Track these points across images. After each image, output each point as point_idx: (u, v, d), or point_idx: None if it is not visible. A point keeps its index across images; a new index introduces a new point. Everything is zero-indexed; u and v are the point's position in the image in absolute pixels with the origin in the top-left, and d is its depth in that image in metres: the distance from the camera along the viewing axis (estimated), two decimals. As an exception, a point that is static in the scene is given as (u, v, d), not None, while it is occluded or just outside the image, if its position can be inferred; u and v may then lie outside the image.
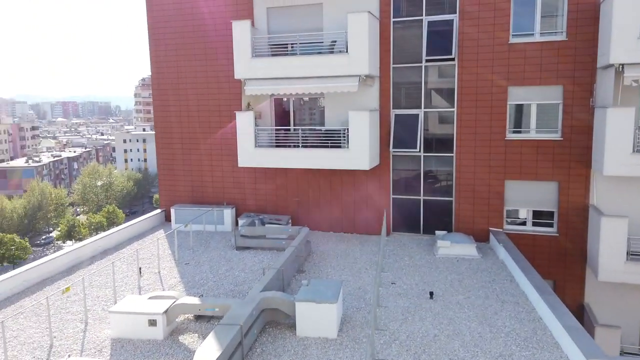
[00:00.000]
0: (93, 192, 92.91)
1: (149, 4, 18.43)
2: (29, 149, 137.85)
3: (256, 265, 13.90)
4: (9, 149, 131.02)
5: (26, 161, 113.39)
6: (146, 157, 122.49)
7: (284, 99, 17.45)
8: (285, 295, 9.96)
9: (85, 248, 14.96)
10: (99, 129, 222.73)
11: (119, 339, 9.60)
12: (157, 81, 18.90)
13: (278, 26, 16.97)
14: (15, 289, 12.08)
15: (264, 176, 17.96)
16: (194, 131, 18.58)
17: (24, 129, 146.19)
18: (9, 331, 9.90)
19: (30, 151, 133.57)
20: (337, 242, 16.20)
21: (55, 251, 68.81)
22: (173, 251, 15.30)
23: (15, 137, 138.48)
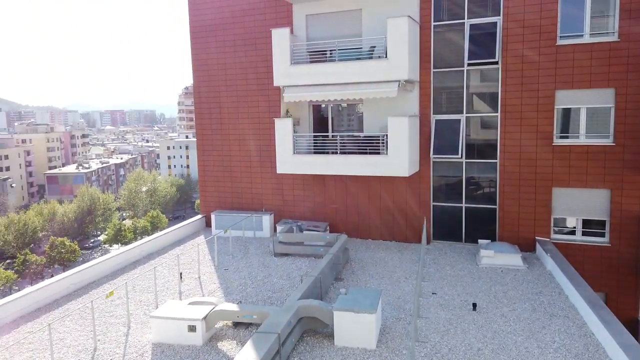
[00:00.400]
0: (138, 198, 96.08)
1: (191, 14, 18.88)
2: (80, 156, 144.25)
3: (294, 272, 13.86)
4: (61, 156, 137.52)
5: (77, 167, 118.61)
6: (189, 164, 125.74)
7: (322, 105, 17.42)
8: (322, 304, 9.84)
9: (129, 253, 15.36)
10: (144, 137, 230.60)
11: (160, 343, 9.74)
12: (198, 89, 19.30)
13: (317, 33, 17.00)
14: (63, 292, 12.51)
15: (302, 182, 17.95)
16: (234, 138, 18.83)
17: (75, 137, 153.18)
18: (56, 333, 10.24)
19: (81, 158, 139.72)
20: (375, 250, 15.96)
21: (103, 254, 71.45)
22: (213, 257, 15.49)
23: (67, 144, 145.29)
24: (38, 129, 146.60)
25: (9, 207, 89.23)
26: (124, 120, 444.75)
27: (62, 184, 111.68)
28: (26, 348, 9.72)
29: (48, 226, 75.06)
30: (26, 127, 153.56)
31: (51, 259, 64.22)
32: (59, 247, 64.91)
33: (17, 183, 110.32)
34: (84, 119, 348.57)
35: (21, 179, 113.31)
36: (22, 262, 60.86)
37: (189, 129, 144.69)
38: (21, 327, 10.72)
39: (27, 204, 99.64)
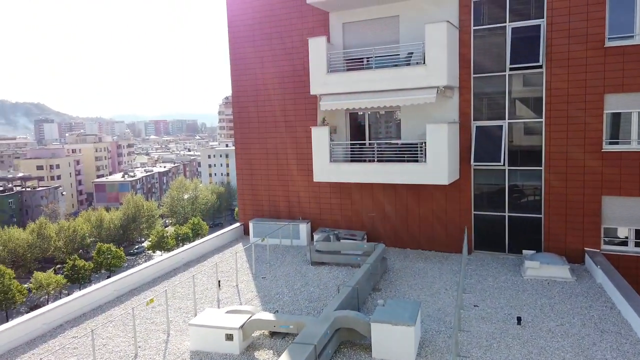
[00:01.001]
0: (180, 205, 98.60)
1: (230, 25, 19.23)
2: (125, 165, 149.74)
3: (331, 281, 13.73)
4: (108, 165, 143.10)
5: (122, 176, 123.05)
6: (229, 172, 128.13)
7: (359, 113, 17.30)
8: (360, 315, 9.67)
9: (170, 260, 15.66)
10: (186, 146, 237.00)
11: (198, 351, 9.82)
12: (237, 99, 19.59)
13: (353, 41, 16.94)
14: (107, 298, 12.86)
15: (339, 191, 17.85)
16: (271, 147, 18.97)
17: (122, 147, 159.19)
18: (99, 339, 10.50)
19: (126, 167, 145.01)
20: (414, 260, 15.63)
21: (146, 260, 73.61)
22: (250, 265, 15.58)
23: (113, 154, 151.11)
24: (87, 139, 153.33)
25: (59, 214, 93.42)
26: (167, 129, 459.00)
27: (109, 192, 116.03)
28: (70, 353, 10.02)
29: (95, 232, 78.02)
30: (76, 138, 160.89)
31: (98, 265, 66.63)
32: (105, 252, 67.31)
33: (67, 191, 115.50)
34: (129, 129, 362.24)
35: (71, 187, 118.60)
36: (71, 267, 63.42)
37: (229, 138, 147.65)
38: (67, 332, 11.07)
39: (77, 211, 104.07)
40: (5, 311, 56.42)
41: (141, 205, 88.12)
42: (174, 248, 71.06)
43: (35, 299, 60.53)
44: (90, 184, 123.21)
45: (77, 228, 74.77)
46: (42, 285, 58.78)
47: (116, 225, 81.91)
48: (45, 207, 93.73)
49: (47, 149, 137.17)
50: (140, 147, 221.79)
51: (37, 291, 59.20)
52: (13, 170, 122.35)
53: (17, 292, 55.26)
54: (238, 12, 18.99)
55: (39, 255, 68.80)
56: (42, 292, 59.68)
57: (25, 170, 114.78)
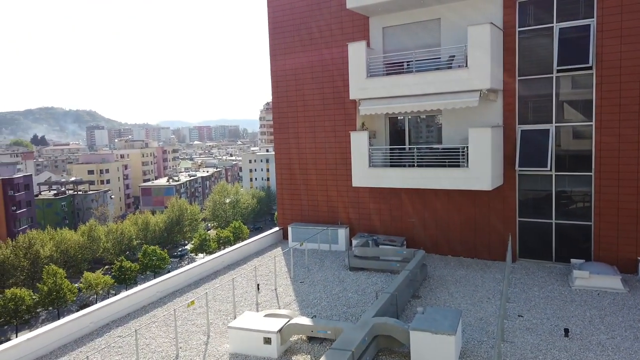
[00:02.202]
0: (222, 209, 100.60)
1: (271, 30, 19.51)
2: (170, 170, 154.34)
3: (369, 287, 13.60)
4: (154, 170, 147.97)
5: (167, 180, 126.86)
6: (269, 176, 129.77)
7: (398, 117, 17.12)
8: (398, 323, 9.51)
9: (211, 262, 15.97)
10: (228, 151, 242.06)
11: (237, 354, 9.93)
12: (277, 104, 19.82)
13: (393, 45, 16.80)
14: (150, 299, 13.24)
15: (378, 196, 17.70)
16: (310, 152, 19.05)
17: (167, 152, 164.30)
18: (142, 339, 10.80)
19: (171, 171, 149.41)
20: (455, 267, 15.26)
21: (189, 262, 75.44)
22: (289, 269, 15.66)
23: (159, 158, 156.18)
24: (134, 145, 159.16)
25: (108, 216, 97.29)
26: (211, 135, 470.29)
27: (154, 196, 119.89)
28: (116, 352, 10.35)
29: (141, 235, 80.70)
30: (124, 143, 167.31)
31: (144, 266, 68.84)
32: (150, 254, 69.47)
33: (116, 195, 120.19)
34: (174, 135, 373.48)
35: (119, 191, 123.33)
36: (118, 268, 65.80)
37: (270, 143, 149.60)
38: (112, 331, 11.46)
39: (124, 214, 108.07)
40: (57, 309, 59.16)
41: (185, 208, 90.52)
42: (216, 251, 72.47)
43: (84, 298, 63.18)
44: (137, 187, 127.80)
45: (125, 230, 77.60)
46: (91, 285, 61.27)
47: (161, 228, 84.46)
48: (95, 210, 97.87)
49: (97, 154, 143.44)
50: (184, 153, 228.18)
51: (86, 291, 61.76)
52: (66, 175, 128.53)
53: (68, 291, 57.82)
54: (279, 19, 19.25)
55: (89, 256, 71.80)
56: (91, 292, 62.21)
57: (78, 174, 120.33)
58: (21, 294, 53.83)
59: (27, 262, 63.58)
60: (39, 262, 63.61)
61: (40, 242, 66.10)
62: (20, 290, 54.53)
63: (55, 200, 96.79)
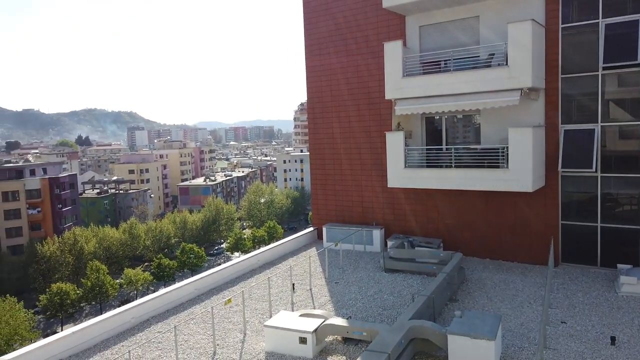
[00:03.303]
0: (257, 209, 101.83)
1: (306, 31, 19.58)
2: (207, 170, 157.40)
3: (405, 289, 13.44)
4: (191, 170, 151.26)
5: (204, 180, 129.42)
6: (303, 177, 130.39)
7: (435, 117, 16.86)
8: (436, 326, 9.35)
9: (247, 261, 16.17)
10: (263, 151, 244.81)
11: (273, 353, 10.01)
12: (311, 105, 19.88)
13: (430, 44, 16.56)
14: (189, 296, 13.52)
15: (414, 197, 17.47)
16: (345, 152, 19.00)
17: (204, 152, 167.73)
18: (181, 335, 11.04)
19: (208, 171, 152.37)
20: (494, 271, 14.88)
21: (225, 261, 76.69)
22: (324, 269, 15.67)
23: (196, 159, 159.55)
24: (173, 145, 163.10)
25: (148, 215, 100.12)
26: (246, 135, 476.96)
27: (192, 195, 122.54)
28: (155, 347, 10.62)
29: (179, 233, 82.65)
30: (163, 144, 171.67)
31: (182, 264, 70.48)
32: (188, 252, 71.08)
33: (155, 194, 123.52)
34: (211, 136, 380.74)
35: (158, 190, 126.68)
36: (157, 265, 67.60)
37: (304, 144, 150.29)
38: (152, 327, 11.76)
39: (163, 213, 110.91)
40: (99, 304, 61.33)
41: (221, 208, 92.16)
42: (251, 250, 73.43)
43: (125, 293, 65.24)
44: (175, 187, 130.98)
45: (163, 228, 79.70)
46: (131, 281, 63.24)
47: (198, 227, 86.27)
48: (135, 209, 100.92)
49: (137, 155, 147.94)
50: (220, 153, 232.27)
51: (127, 286, 63.77)
52: (108, 174, 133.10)
53: (109, 287, 59.89)
54: (314, 20, 19.30)
55: (130, 253, 74.12)
56: (132, 288, 64.19)
57: (119, 174, 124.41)
58: (66, 288, 56.13)
59: (72, 258, 66.24)
60: (83, 258, 66.17)
61: (84, 239, 68.77)
62: (65, 285, 56.87)
63: (98, 199, 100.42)
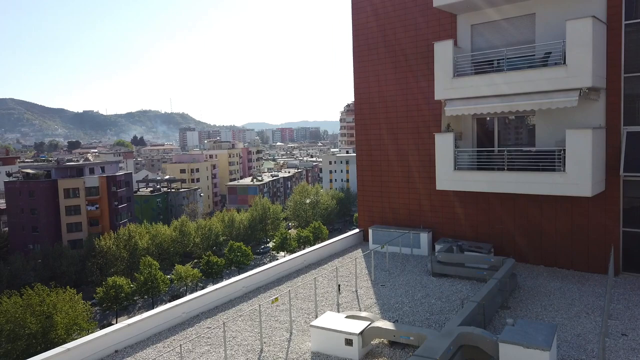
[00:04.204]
0: (302, 209, 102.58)
1: (354, 32, 19.54)
2: (254, 170, 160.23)
3: (453, 294, 13.13)
4: (239, 170, 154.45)
5: (252, 180, 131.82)
6: (348, 178, 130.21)
7: (487, 118, 16.38)
8: (486, 333, 9.07)
9: (293, 261, 16.32)
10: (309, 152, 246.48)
11: (318, 353, 10.04)
12: (359, 106, 19.81)
13: (482, 43, 16.12)
14: (236, 294, 13.80)
15: (463, 200, 17.04)
16: (393, 153, 18.81)
17: (251, 152, 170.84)
18: (229, 331, 11.28)
19: (255, 171, 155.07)
20: (549, 278, 14.27)
21: (271, 260, 77.76)
22: (370, 271, 15.56)
23: (244, 159, 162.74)
24: (222, 146, 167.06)
25: (198, 213, 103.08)
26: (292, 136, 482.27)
27: (239, 195, 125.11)
28: (205, 342, 10.91)
29: (227, 232, 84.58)
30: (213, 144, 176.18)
31: (229, 261, 72.09)
32: (235, 250, 72.62)
33: (205, 193, 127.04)
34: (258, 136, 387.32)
35: (208, 189, 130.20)
36: (206, 262, 69.46)
37: (350, 145, 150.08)
38: (202, 322, 12.09)
39: (212, 212, 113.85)
40: (151, 298, 63.71)
41: (267, 207, 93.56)
42: (296, 250, 74.09)
43: (175, 289, 67.44)
44: (224, 186, 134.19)
45: (212, 227, 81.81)
46: (181, 277, 65.29)
47: (245, 226, 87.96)
48: (186, 207, 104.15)
49: (189, 155, 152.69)
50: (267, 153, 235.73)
51: (177, 282, 65.89)
52: (161, 173, 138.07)
53: (161, 282, 62.09)
54: (363, 20, 19.23)
55: (180, 249, 76.56)
56: (182, 284, 66.26)
57: (171, 173, 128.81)
58: (121, 282, 58.69)
59: (127, 253, 69.21)
60: (137, 253, 68.97)
61: (138, 235, 71.67)
62: (120, 279, 59.48)
63: (151, 197, 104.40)
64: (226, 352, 9.97)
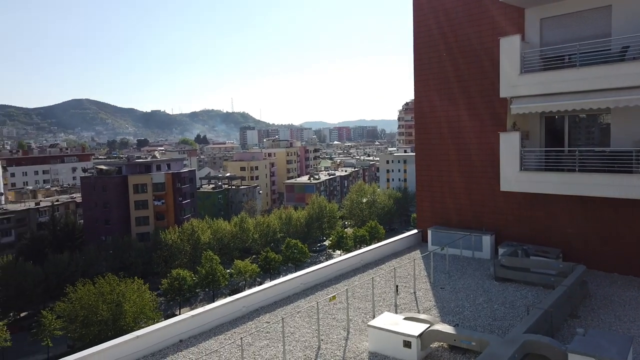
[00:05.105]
0: (359, 208, 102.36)
1: (415, 30, 19.19)
2: (311, 168, 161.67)
3: (518, 300, 12.60)
4: (297, 168, 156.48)
5: (309, 178, 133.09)
6: (406, 177, 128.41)
7: (556, 116, 15.56)
8: (554, 342, 8.63)
9: (350, 260, 16.31)
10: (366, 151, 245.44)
11: (376, 353, 9.97)
12: (419, 104, 19.45)
13: (553, 37, 15.32)
14: (294, 290, 13.98)
15: (529, 202, 16.29)
16: (454, 153, 18.31)
17: (309, 151, 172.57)
18: (288, 327, 11.44)
19: (312, 170, 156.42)
20: (624, 287, 13.35)
21: (327, 258, 78.19)
22: (428, 273, 15.26)
23: (302, 157, 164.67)
24: (280, 144, 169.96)
25: (256, 210, 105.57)
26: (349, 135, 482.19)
27: (296, 192, 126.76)
28: (264, 336, 11.14)
29: (285, 229, 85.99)
30: (272, 143, 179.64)
31: (286, 258, 73.27)
32: (292, 247, 73.69)
33: (263, 190, 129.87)
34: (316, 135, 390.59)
35: (266, 187, 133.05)
36: (264, 258, 71.01)
37: (408, 144, 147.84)
38: (261, 317, 12.36)
39: (270, 209, 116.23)
40: (212, 291, 66.02)
41: (324, 206, 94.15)
42: (352, 248, 74.03)
43: (234, 283, 69.46)
44: (281, 184, 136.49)
45: (270, 223, 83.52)
46: (240, 271, 67.17)
47: (302, 223, 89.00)
48: (245, 204, 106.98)
49: (248, 153, 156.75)
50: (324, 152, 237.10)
51: (236, 276, 67.84)
52: (222, 171, 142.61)
53: (221, 276, 64.18)
54: (424, 15, 18.85)
55: (239, 245, 78.77)
56: (240, 278, 68.16)
57: (232, 170, 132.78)
58: (184, 274, 61.28)
59: (190, 247, 72.15)
60: (199, 247, 71.70)
61: (200, 230, 74.49)
62: (183, 271, 62.10)
63: (213, 194, 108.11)
64: (285, 347, 10.13)
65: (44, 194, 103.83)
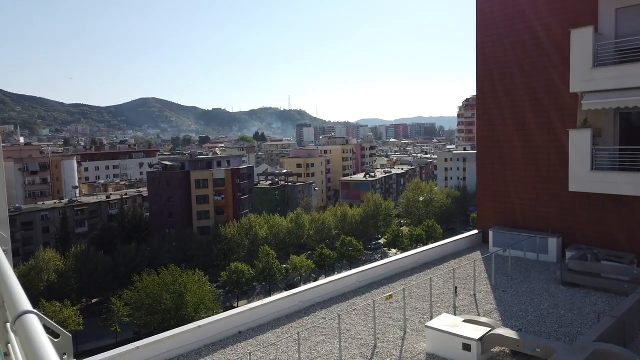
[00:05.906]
0: (415, 207, 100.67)
1: (479, 22, 18.55)
2: (367, 166, 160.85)
3: (587, 307, 11.92)
4: (352, 165, 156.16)
5: (364, 176, 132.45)
6: (465, 176, 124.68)
7: (631, 113, 14.53)
8: (627, 352, 8.10)
9: (407, 259, 16.09)
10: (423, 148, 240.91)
11: (434, 354, 9.79)
12: (481, 99, 18.80)
13: (630, 29, 14.30)
14: (350, 287, 13.99)
15: (600, 203, 15.34)
16: (519, 150, 17.55)
17: (364, 148, 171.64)
18: (343, 324, 11.45)
19: (368, 167, 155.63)
20: None
21: (382, 256, 77.66)
22: (489, 275, 14.77)
23: (357, 155, 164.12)
24: (336, 142, 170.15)
25: (312, 206, 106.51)
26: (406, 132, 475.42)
27: (352, 190, 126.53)
28: (320, 332, 11.23)
29: (340, 226, 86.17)
30: (327, 140, 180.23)
31: (341, 255, 73.45)
32: (347, 244, 73.74)
33: (319, 187, 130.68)
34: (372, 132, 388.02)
35: (321, 184, 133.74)
36: (319, 254, 71.55)
37: (467, 141, 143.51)
38: (317, 312, 12.47)
39: (325, 205, 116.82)
40: (268, 285, 67.42)
41: (379, 203, 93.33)
42: (408, 247, 73.00)
43: (290, 278, 70.53)
44: (337, 181, 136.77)
45: (325, 220, 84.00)
46: (296, 267, 68.09)
47: (357, 221, 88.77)
48: (301, 200, 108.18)
49: (304, 150, 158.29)
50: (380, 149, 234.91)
51: (292, 271, 68.85)
52: (279, 167, 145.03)
53: (277, 271, 65.38)
54: (488, 8, 18.17)
55: (295, 240, 79.82)
56: (296, 273, 69.10)
57: (288, 167, 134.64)
58: (242, 268, 62.98)
59: (247, 241, 74.01)
60: (256, 242, 73.39)
61: (258, 225, 76.21)
62: (241, 265, 63.84)
63: (270, 190, 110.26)
64: (340, 344, 10.17)
65: (113, 188, 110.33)
